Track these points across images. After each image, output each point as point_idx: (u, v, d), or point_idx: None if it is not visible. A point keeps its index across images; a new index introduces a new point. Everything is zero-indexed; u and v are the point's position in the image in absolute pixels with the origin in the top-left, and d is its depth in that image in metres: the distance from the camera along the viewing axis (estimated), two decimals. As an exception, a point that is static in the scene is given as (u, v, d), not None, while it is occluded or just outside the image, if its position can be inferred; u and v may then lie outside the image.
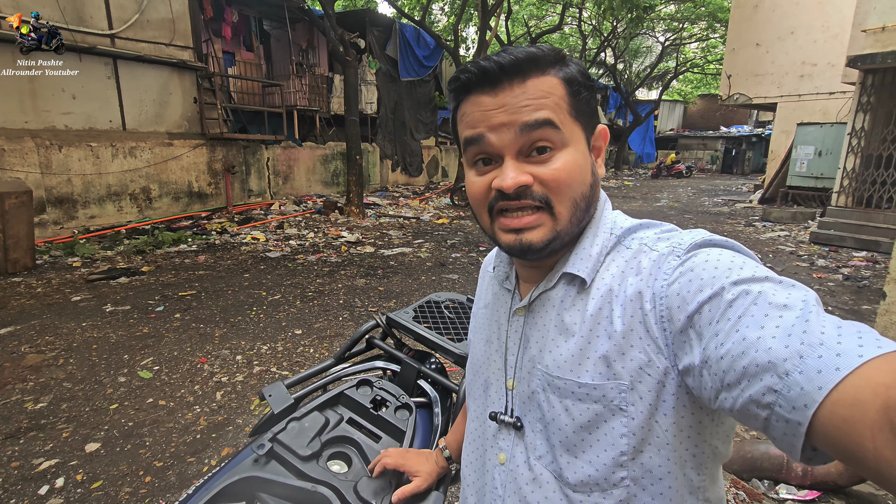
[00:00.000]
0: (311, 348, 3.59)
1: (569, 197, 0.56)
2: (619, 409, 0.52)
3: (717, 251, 0.50)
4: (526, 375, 0.62)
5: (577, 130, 0.57)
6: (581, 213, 0.58)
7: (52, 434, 2.50)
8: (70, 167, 7.01)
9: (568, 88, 0.56)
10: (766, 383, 0.39)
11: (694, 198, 14.61)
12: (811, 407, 0.36)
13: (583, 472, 0.56)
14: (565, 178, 0.55)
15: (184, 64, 8.36)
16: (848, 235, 7.55)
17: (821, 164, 10.00)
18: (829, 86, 11.20)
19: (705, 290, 0.46)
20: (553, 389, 0.58)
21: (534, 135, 0.54)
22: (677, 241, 0.53)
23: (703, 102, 32.13)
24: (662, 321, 0.50)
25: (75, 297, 4.59)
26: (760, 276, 0.45)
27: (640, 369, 0.51)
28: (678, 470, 0.53)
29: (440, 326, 1.42)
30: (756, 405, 0.40)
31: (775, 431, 0.39)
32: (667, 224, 0.60)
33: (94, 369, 3.19)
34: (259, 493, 0.97)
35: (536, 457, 0.61)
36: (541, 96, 0.54)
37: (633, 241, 0.58)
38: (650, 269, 0.53)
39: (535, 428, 0.61)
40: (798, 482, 2.14)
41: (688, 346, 0.47)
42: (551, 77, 0.55)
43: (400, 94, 13.58)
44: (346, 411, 1.18)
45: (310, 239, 7.44)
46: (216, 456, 2.36)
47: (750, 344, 0.40)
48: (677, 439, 0.52)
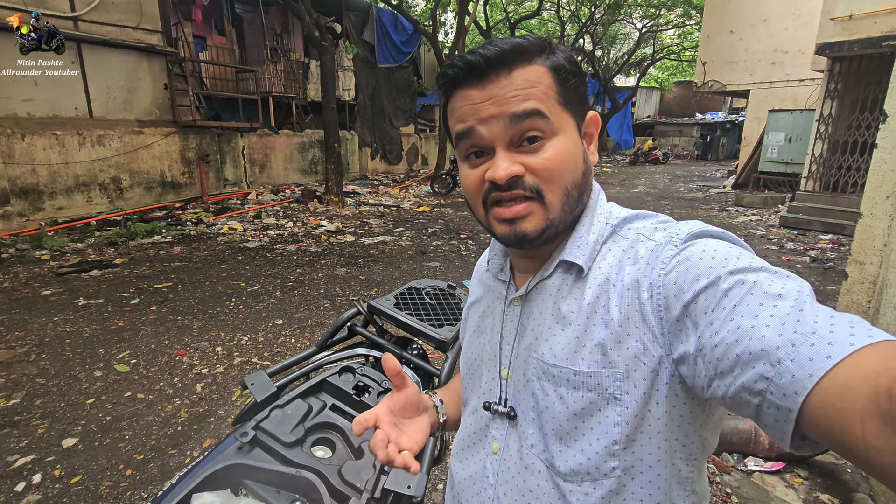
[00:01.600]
0: (293, 338, 3.58)
1: (560, 185, 0.56)
2: (614, 398, 0.53)
3: (713, 242, 0.51)
4: (521, 364, 0.63)
5: (567, 118, 0.57)
6: (573, 200, 0.58)
7: (26, 430, 2.45)
8: (34, 157, 6.73)
9: (555, 76, 0.56)
10: (758, 371, 0.39)
11: (670, 184, 14.87)
12: (801, 394, 0.37)
13: (574, 460, 0.56)
14: (556, 167, 0.55)
15: (152, 48, 8.06)
16: (815, 219, 7.82)
17: (791, 149, 10.29)
18: (800, 73, 11.47)
19: (702, 279, 0.47)
20: (548, 377, 0.58)
21: (523, 125, 0.54)
22: (674, 231, 0.54)
23: (679, 89, 32.56)
24: (659, 310, 0.50)
25: (45, 291, 4.45)
26: (756, 267, 0.46)
27: (636, 357, 0.52)
28: (668, 459, 0.54)
29: (421, 313, 1.43)
30: (748, 392, 0.40)
31: (766, 418, 0.40)
32: (662, 215, 0.60)
33: (68, 364, 3.12)
34: (243, 480, 0.98)
35: (528, 446, 0.61)
36: (528, 86, 0.54)
37: (630, 231, 0.59)
38: (647, 259, 0.53)
39: (528, 417, 0.61)
40: (765, 454, 2.25)
41: (683, 335, 0.48)
42: (538, 66, 0.55)
43: (378, 80, 13.38)
44: (329, 398, 1.19)
45: (289, 228, 7.34)
46: (198, 447, 2.35)
47: (744, 332, 0.41)
48: (668, 429, 0.53)
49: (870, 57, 7.13)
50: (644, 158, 23.04)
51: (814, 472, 2.21)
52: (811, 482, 2.14)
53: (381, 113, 13.72)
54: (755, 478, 2.13)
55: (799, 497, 2.05)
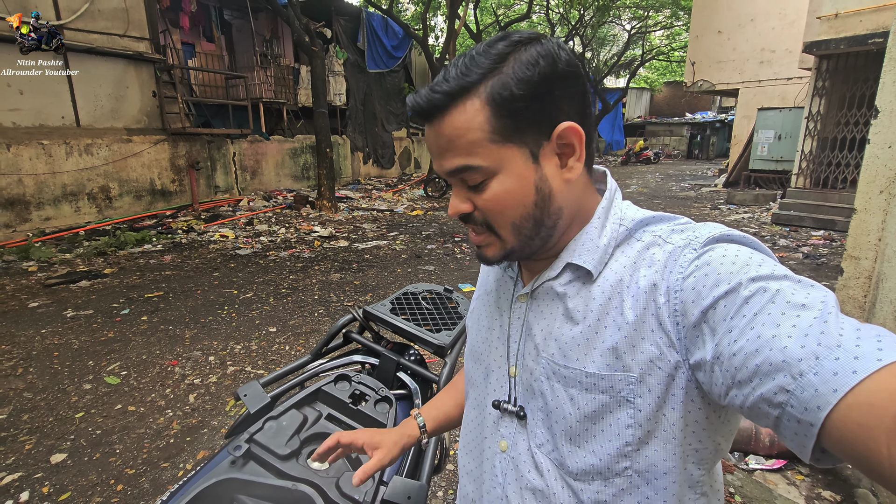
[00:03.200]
0: (287, 345, 3.53)
1: (505, 222, 0.56)
2: (627, 401, 0.52)
3: (734, 247, 0.49)
4: (529, 363, 0.62)
5: (510, 152, 0.53)
6: (529, 231, 0.56)
7: (13, 447, 2.38)
8: (20, 167, 6.64)
9: (491, 111, 0.51)
10: (778, 382, 0.38)
11: (662, 183, 14.96)
12: (825, 409, 0.36)
13: (585, 461, 0.56)
14: (496, 207, 0.55)
15: (140, 56, 7.99)
16: (806, 215, 7.88)
17: (780, 147, 10.38)
18: (788, 71, 11.60)
19: (721, 285, 0.45)
20: (559, 378, 0.57)
21: (457, 178, 0.55)
22: (693, 235, 0.52)
23: (668, 89, 32.83)
24: (676, 315, 0.49)
25: (32, 303, 4.37)
26: (779, 275, 0.44)
27: (651, 362, 0.50)
28: (681, 465, 0.53)
29: (418, 318, 1.40)
30: (767, 404, 0.39)
31: (786, 431, 0.39)
32: (681, 217, 0.58)
33: (56, 377, 3.05)
34: (237, 496, 0.94)
35: (537, 445, 0.60)
36: (456, 136, 0.52)
37: (646, 234, 0.57)
38: (665, 262, 0.52)
39: (537, 416, 0.60)
40: (765, 452, 2.23)
41: (700, 341, 0.47)
42: (473, 101, 0.51)
43: (369, 84, 13.37)
44: (325, 408, 1.16)
45: (281, 235, 7.28)
46: (191, 460, 2.29)
47: (765, 342, 0.40)
48: (683, 434, 0.52)
49: (856, 54, 7.21)
50: (636, 158, 23.18)
51: (815, 469, 2.20)
52: (813, 479, 2.13)
53: (372, 117, 13.70)
54: (757, 476, 2.12)
55: (801, 494, 2.03)
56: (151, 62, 8.24)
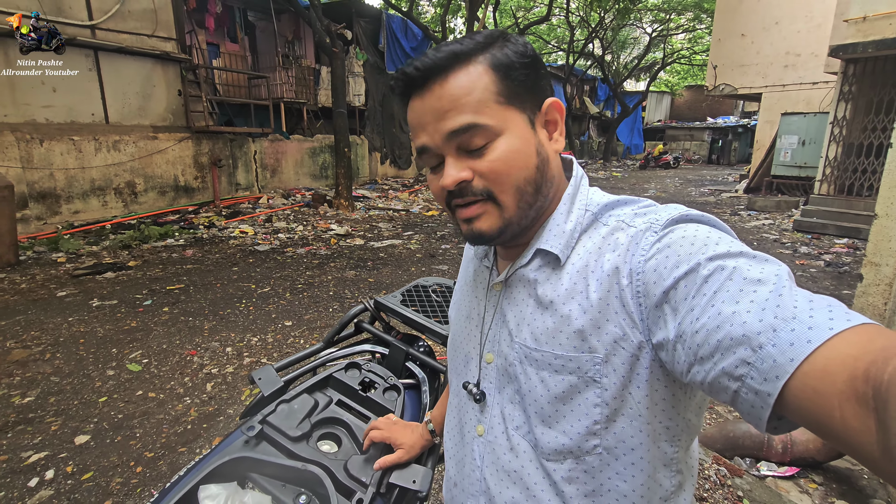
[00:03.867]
0: (302, 339, 3.60)
1: (510, 185, 0.56)
2: (593, 381, 0.54)
3: (693, 226, 0.51)
4: (504, 349, 0.64)
5: (513, 114, 0.55)
6: (530, 197, 0.57)
7: (40, 427, 2.49)
8: (52, 161, 6.88)
9: (496, 74, 0.54)
10: (739, 356, 0.40)
11: (681, 188, 14.75)
12: (782, 378, 0.38)
13: (556, 441, 0.58)
14: (503, 168, 0.55)
15: (167, 56, 8.22)
16: (830, 223, 7.69)
17: (804, 153, 10.15)
18: (813, 76, 11.33)
19: (681, 265, 0.47)
20: (530, 361, 0.59)
21: (462, 138, 0.55)
22: (654, 218, 0.54)
23: (689, 93, 32.34)
24: (638, 296, 0.51)
25: (61, 292, 4.53)
26: (735, 252, 0.46)
27: (615, 342, 0.52)
28: (651, 442, 0.55)
29: (427, 309, 1.44)
30: (728, 377, 0.41)
31: (743, 404, 0.41)
32: (644, 199, 0.60)
33: (81, 363, 3.17)
34: (250, 473, 0.98)
35: (514, 427, 0.62)
36: (462, 95, 0.54)
37: (611, 219, 0.58)
38: (627, 245, 0.53)
39: (514, 400, 0.62)
40: (778, 459, 2.20)
41: (662, 322, 0.48)
42: (476, 66, 0.54)
43: (388, 85, 13.48)
44: (336, 393, 1.19)
45: (299, 232, 7.40)
46: (207, 446, 2.36)
47: (725, 318, 0.42)
48: (651, 412, 0.54)
49: (885, 58, 7.03)
50: (655, 163, 22.88)
51: (829, 477, 2.17)
52: (826, 488, 2.10)
53: (390, 118, 13.81)
54: (768, 482, 2.09)
55: (813, 503, 2.01)
56: (178, 62, 8.46)
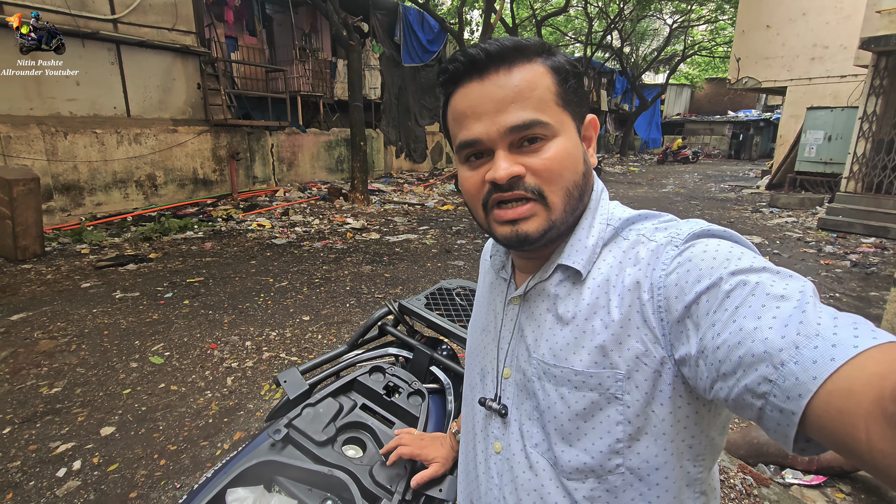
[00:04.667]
0: (320, 334, 3.62)
1: (561, 186, 0.56)
2: (615, 398, 0.53)
3: (715, 241, 0.50)
4: (522, 364, 0.63)
5: (567, 119, 0.57)
6: (574, 201, 0.58)
7: (67, 418, 2.55)
8: (76, 154, 7.02)
9: (556, 77, 0.56)
10: (761, 373, 0.39)
11: (700, 183, 14.48)
12: (805, 397, 0.37)
13: (578, 459, 0.56)
14: (557, 168, 0.55)
15: (187, 49, 8.29)
16: (856, 221, 7.48)
17: (830, 149, 9.88)
18: (841, 69, 10.99)
19: (703, 280, 0.46)
20: (549, 378, 0.58)
21: (522, 134, 0.54)
22: (675, 232, 0.53)
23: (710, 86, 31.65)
24: (660, 311, 0.50)
25: (85, 283, 4.63)
26: (758, 267, 0.45)
27: (637, 359, 0.51)
28: (675, 461, 0.53)
29: (451, 313, 1.42)
30: (751, 395, 0.40)
31: (769, 422, 0.40)
32: (666, 214, 0.59)
33: (106, 355, 3.24)
34: (276, 477, 0.98)
35: (532, 445, 0.61)
36: (527, 88, 0.54)
37: (631, 233, 0.58)
38: (648, 260, 0.53)
39: (532, 416, 0.61)
40: (804, 467, 2.16)
41: (684, 337, 0.47)
42: (538, 65, 0.55)
43: (404, 79, 13.44)
44: (360, 397, 1.19)
45: (315, 226, 7.44)
46: (228, 440, 2.40)
47: (747, 334, 0.41)
48: (674, 429, 0.52)
49: (919, 51, 6.78)
50: (673, 157, 22.50)
51: (857, 487, 2.11)
52: (854, 498, 2.05)
53: (406, 112, 13.78)
54: (794, 491, 2.05)
55: (840, 513, 1.96)
56: (197, 55, 8.53)
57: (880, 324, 3.23)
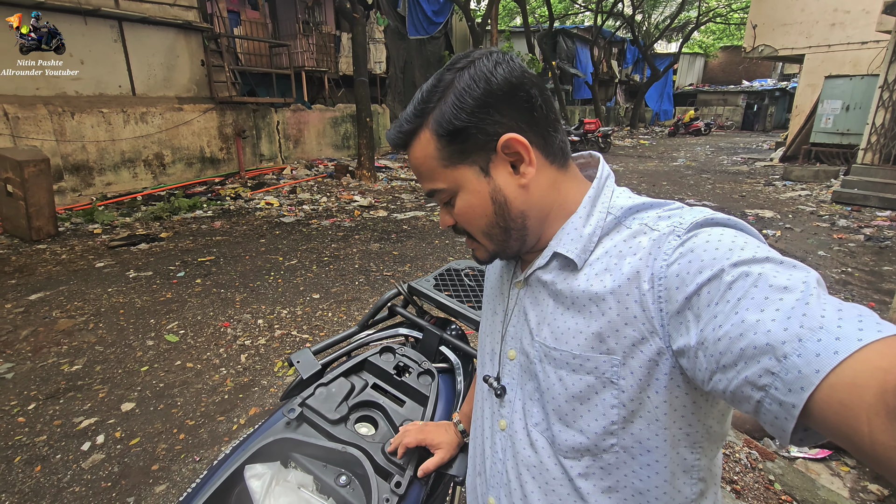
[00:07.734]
0: (330, 312, 3.68)
1: (477, 230, 0.63)
2: (611, 382, 0.54)
3: (718, 230, 0.49)
4: (525, 346, 0.65)
5: (462, 171, 0.60)
6: (500, 236, 0.63)
7: (88, 394, 2.64)
8: (84, 134, 7.03)
9: (438, 141, 0.59)
10: (763, 365, 0.39)
11: (712, 156, 14.22)
12: (808, 389, 0.37)
13: (574, 439, 0.59)
14: (465, 219, 0.63)
15: (189, 25, 8.17)
16: (872, 194, 7.34)
17: (848, 119, 9.61)
18: (862, 35, 10.58)
19: (704, 271, 0.46)
20: (549, 360, 0.60)
21: (435, 197, 0.64)
22: (678, 221, 0.53)
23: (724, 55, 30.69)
24: (660, 301, 0.50)
25: (99, 263, 4.71)
26: (761, 257, 0.45)
27: (633, 346, 0.52)
28: (670, 447, 0.54)
29: (461, 294, 1.44)
30: (751, 387, 0.40)
31: (767, 415, 0.40)
32: (672, 202, 0.58)
33: (122, 333, 3.32)
34: (292, 454, 1.02)
35: (533, 424, 0.64)
36: (419, 165, 0.62)
37: (634, 222, 0.57)
38: (649, 249, 0.52)
39: (534, 397, 0.64)
40: (809, 441, 2.18)
41: (684, 328, 0.47)
42: (425, 134, 0.60)
43: (409, 52, 13.18)
44: (371, 377, 1.22)
45: (323, 203, 7.45)
46: (244, 415, 2.47)
47: (749, 326, 0.41)
48: (669, 418, 0.53)
49: (946, 15, 6.49)
50: (685, 129, 22.04)
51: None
52: (859, 471, 2.08)
53: (412, 86, 13.56)
54: (799, 465, 2.08)
55: (845, 486, 1.99)
56: (199, 31, 8.41)
57: (894, 298, 3.21)
